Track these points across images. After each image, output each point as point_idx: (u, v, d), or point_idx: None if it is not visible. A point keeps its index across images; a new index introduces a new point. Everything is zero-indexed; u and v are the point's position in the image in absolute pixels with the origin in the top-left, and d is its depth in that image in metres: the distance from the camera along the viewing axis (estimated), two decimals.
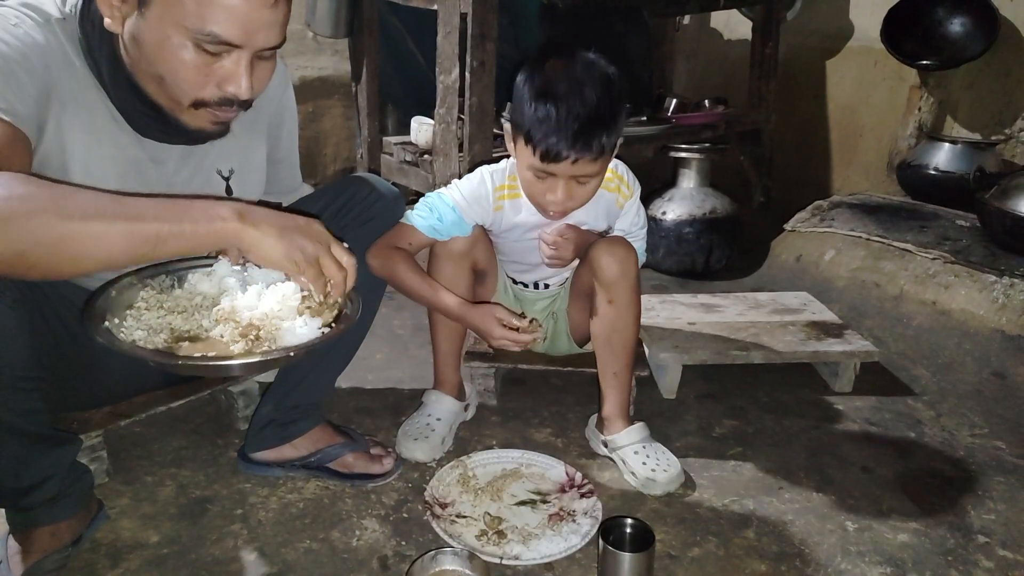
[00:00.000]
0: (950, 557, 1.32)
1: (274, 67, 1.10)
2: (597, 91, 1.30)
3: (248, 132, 1.27)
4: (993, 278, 2.18)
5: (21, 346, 1.04)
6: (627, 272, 1.47)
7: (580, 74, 1.31)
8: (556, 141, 1.29)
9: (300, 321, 1.04)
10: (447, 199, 1.48)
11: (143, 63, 1.02)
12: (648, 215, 2.70)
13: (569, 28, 3.51)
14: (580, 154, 1.30)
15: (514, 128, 1.38)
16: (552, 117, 1.28)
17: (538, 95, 1.30)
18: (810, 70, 3.54)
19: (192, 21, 0.96)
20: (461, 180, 1.51)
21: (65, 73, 1.03)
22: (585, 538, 1.31)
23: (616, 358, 1.53)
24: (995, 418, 1.79)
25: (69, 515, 1.23)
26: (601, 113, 1.30)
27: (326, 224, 1.36)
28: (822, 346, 1.87)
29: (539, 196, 1.40)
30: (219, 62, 1.00)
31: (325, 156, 3.51)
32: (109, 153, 1.10)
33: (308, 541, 1.32)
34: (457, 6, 2.20)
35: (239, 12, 0.96)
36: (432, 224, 1.47)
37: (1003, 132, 2.94)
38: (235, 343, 1.02)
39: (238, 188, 1.27)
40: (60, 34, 1.03)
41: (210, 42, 0.97)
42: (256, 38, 1.00)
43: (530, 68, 1.36)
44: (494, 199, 1.49)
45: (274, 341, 1.02)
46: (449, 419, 1.62)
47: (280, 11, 1.01)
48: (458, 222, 1.48)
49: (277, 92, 1.31)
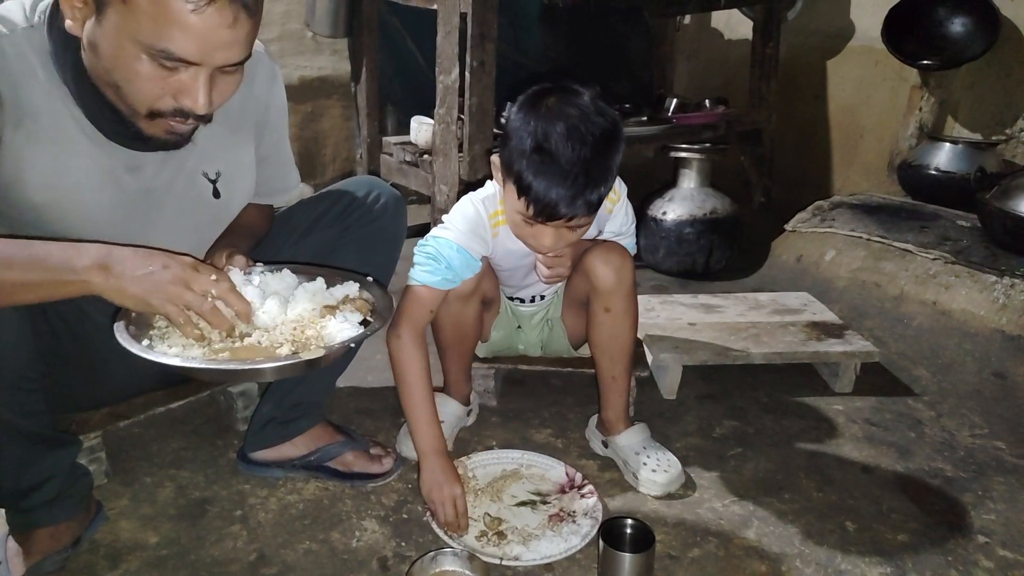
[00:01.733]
0: (950, 557, 1.32)
1: (239, 80, 1.04)
2: (597, 148, 1.22)
3: (234, 132, 1.23)
4: (994, 278, 2.17)
5: (24, 347, 1.04)
6: (623, 279, 1.45)
7: (578, 127, 1.22)
8: (552, 205, 1.23)
9: (340, 317, 1.07)
10: (449, 242, 1.38)
11: (100, 70, 0.98)
12: (648, 215, 2.72)
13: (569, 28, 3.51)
14: (575, 213, 1.25)
15: (505, 169, 1.30)
16: (548, 180, 1.21)
17: (534, 149, 1.22)
18: (811, 70, 3.54)
19: (146, 37, 0.91)
20: (451, 216, 1.42)
21: (25, 87, 1.00)
22: (585, 539, 1.31)
23: (615, 363, 1.53)
24: (995, 418, 1.79)
25: (69, 516, 1.23)
26: (600, 172, 1.24)
27: (326, 227, 1.37)
28: (822, 346, 1.87)
29: (527, 239, 1.35)
30: (176, 75, 0.96)
31: (325, 156, 3.50)
32: (80, 164, 1.06)
33: (308, 542, 1.32)
34: (457, 6, 2.20)
35: (195, 31, 0.91)
36: (444, 277, 1.37)
37: (1004, 132, 2.94)
38: (278, 346, 1.02)
39: (226, 190, 1.24)
40: (24, 44, 0.99)
41: (165, 58, 0.93)
42: (214, 57, 0.95)
43: (526, 109, 1.26)
44: (490, 227, 1.43)
45: (321, 339, 1.04)
46: (452, 422, 1.62)
47: (241, 30, 0.95)
48: (467, 262, 1.40)
49: (263, 90, 1.26)
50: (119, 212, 1.12)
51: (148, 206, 1.15)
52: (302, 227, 1.39)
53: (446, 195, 2.42)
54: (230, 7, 0.93)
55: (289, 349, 1.02)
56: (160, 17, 0.90)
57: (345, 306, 1.11)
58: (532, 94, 1.28)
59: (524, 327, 1.72)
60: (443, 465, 1.35)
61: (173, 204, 1.18)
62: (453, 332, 1.57)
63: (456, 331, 1.57)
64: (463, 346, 1.62)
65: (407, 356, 1.36)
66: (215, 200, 1.23)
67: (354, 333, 1.06)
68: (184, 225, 1.21)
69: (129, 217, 1.13)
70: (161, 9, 0.90)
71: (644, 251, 2.76)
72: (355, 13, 2.87)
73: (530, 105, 1.27)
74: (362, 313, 1.11)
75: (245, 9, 0.95)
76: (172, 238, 1.15)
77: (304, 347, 1.02)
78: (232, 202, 1.27)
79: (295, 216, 1.41)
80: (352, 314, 1.09)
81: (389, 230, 1.41)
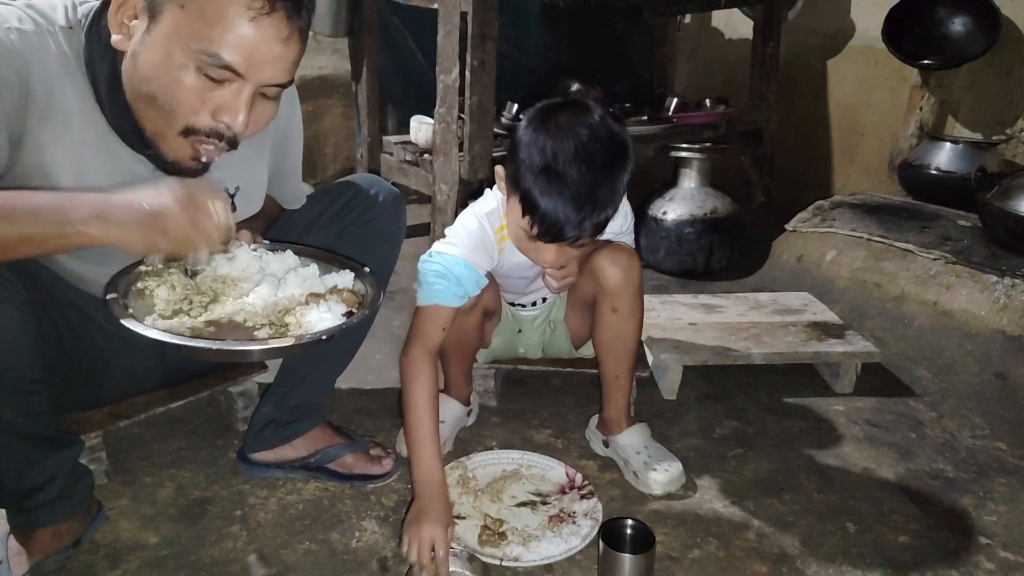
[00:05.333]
0: (951, 559, 1.32)
1: (275, 110, 1.05)
2: (606, 170, 1.21)
3: (254, 150, 1.24)
4: (994, 278, 2.17)
5: (28, 348, 1.04)
6: (631, 280, 1.45)
7: (588, 147, 1.19)
8: (558, 227, 1.21)
9: (324, 307, 1.07)
10: (456, 259, 1.35)
11: (138, 81, 0.97)
12: (649, 215, 2.71)
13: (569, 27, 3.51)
14: (581, 235, 1.23)
15: (510, 183, 1.28)
16: (555, 202, 1.19)
17: (542, 169, 1.20)
18: (811, 70, 3.54)
19: (200, 42, 0.92)
20: (455, 231, 1.40)
21: (59, 85, 1.00)
22: (585, 539, 1.30)
23: (619, 363, 1.52)
24: (996, 419, 1.79)
25: (70, 516, 1.23)
26: (608, 195, 1.22)
27: (324, 225, 1.37)
28: (823, 347, 1.87)
29: (528, 252, 1.34)
30: (218, 90, 0.96)
31: (325, 156, 3.50)
32: (104, 168, 1.06)
33: (307, 542, 1.32)
34: (457, 5, 2.20)
35: (249, 41, 0.93)
36: (455, 294, 1.35)
37: (1004, 132, 2.94)
38: (258, 329, 1.03)
39: (242, 205, 1.24)
40: (64, 43, 1.00)
41: (213, 65, 0.93)
42: (262, 71, 0.96)
43: (536, 124, 1.23)
44: (496, 242, 1.41)
45: (299, 326, 1.05)
46: (452, 423, 1.62)
47: (292, 49, 0.97)
48: (474, 277, 1.38)
49: (285, 109, 1.25)
50: None
51: None
52: (301, 225, 1.39)
53: (446, 194, 2.42)
54: (287, 23, 0.95)
55: (267, 332, 1.03)
56: (216, 21, 0.91)
57: (332, 296, 1.11)
58: (543, 109, 1.26)
59: (525, 330, 1.72)
60: (436, 498, 1.24)
61: None
62: (455, 342, 1.57)
63: (458, 341, 1.57)
64: (465, 354, 1.63)
65: (417, 380, 1.31)
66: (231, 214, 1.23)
67: (333, 324, 1.05)
68: None
69: None
70: (219, 13, 0.91)
71: (644, 251, 2.75)
72: (356, 12, 2.86)
73: (540, 121, 1.24)
74: (348, 305, 1.11)
75: (300, 32, 0.97)
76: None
77: (281, 331, 1.03)
78: (245, 214, 1.28)
79: (295, 214, 1.42)
80: (337, 305, 1.09)
81: (387, 229, 1.40)
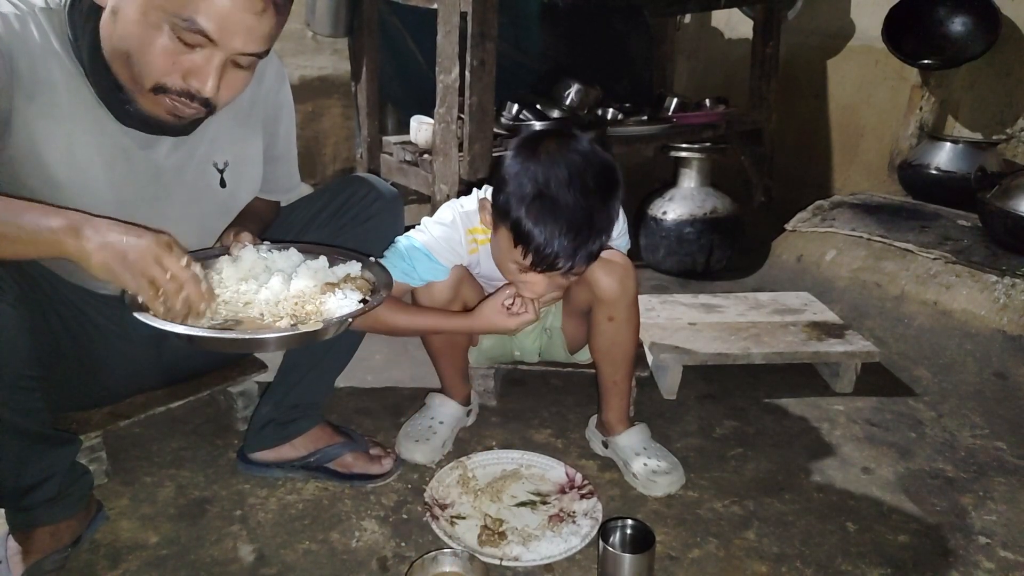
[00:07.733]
0: (951, 558, 1.32)
1: (249, 79, 1.08)
2: (600, 196, 1.20)
3: (243, 125, 1.26)
4: (994, 278, 2.17)
5: (22, 345, 1.04)
6: (627, 289, 1.43)
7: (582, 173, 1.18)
8: (552, 257, 1.20)
9: (340, 294, 1.11)
10: (418, 243, 1.39)
11: (116, 38, 0.99)
12: (649, 215, 2.71)
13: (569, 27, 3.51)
14: (575, 264, 1.22)
15: (499, 215, 1.26)
16: (550, 230, 1.18)
17: (535, 196, 1.19)
18: (811, 69, 3.53)
19: (176, 5, 0.94)
20: (432, 220, 1.42)
21: (43, 62, 1.02)
22: (585, 539, 1.30)
23: (617, 369, 1.52)
24: (996, 419, 1.79)
25: (69, 515, 1.23)
26: (603, 222, 1.21)
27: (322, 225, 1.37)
28: (823, 346, 1.87)
29: (514, 280, 1.32)
30: (190, 54, 0.98)
31: (324, 156, 3.50)
32: (94, 140, 1.08)
33: (307, 542, 1.32)
34: (457, 5, 2.20)
35: (224, 9, 0.95)
36: (403, 269, 1.38)
37: (1004, 132, 2.93)
38: (279, 320, 1.06)
39: (233, 181, 1.26)
40: (45, 23, 1.02)
41: (187, 30, 0.96)
42: (234, 39, 0.98)
43: (524, 154, 1.23)
44: (467, 242, 1.41)
45: (320, 314, 1.08)
46: (452, 423, 1.62)
47: (266, 21, 0.99)
48: (432, 267, 1.39)
49: (273, 87, 1.30)
50: (128, 191, 1.13)
51: (157, 190, 1.16)
52: (298, 225, 1.40)
53: (446, 194, 2.42)
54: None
55: (289, 323, 1.05)
56: None
57: (346, 284, 1.14)
58: (528, 139, 1.25)
59: (518, 335, 1.71)
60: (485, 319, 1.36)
61: (182, 191, 1.20)
62: (442, 340, 1.58)
63: (445, 339, 1.57)
64: (454, 352, 1.62)
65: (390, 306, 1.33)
66: (222, 190, 1.25)
67: (353, 309, 1.09)
68: (191, 213, 1.23)
69: (138, 199, 1.14)
70: None
71: (644, 251, 2.75)
72: (355, 12, 2.86)
73: (528, 150, 1.23)
74: (362, 292, 1.14)
75: (275, 5, 0.99)
76: (179, 226, 1.15)
77: (303, 321, 1.06)
78: (238, 192, 1.29)
79: (292, 214, 1.43)
80: (352, 292, 1.13)
81: (384, 228, 1.41)
